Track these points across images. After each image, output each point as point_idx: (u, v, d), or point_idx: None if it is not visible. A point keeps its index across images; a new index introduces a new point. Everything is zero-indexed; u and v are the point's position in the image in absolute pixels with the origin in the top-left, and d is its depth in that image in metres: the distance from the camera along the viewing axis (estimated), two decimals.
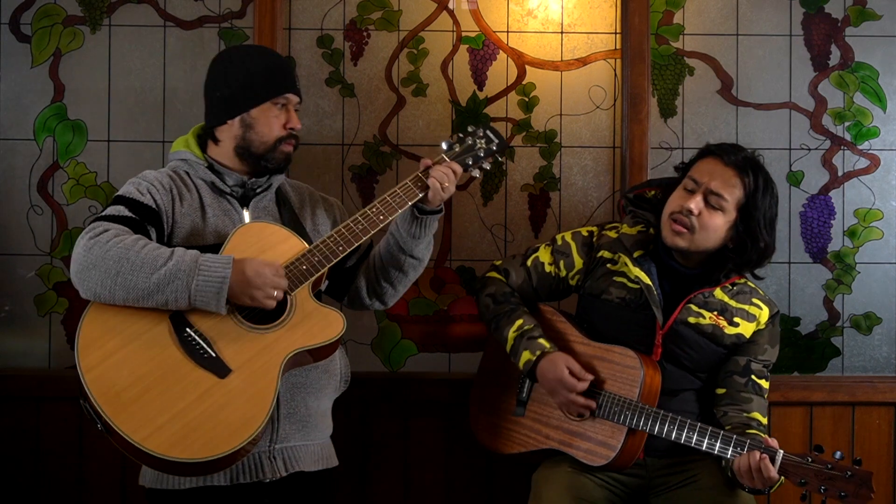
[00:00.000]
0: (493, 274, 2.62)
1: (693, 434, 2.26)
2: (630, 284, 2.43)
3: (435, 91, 2.95)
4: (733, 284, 2.44)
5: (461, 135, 2.44)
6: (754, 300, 2.44)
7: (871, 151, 2.97)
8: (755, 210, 2.32)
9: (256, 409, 2.06)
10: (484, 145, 2.43)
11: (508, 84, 2.95)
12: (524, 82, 2.95)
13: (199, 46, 2.90)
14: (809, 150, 2.97)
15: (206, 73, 2.37)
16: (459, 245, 2.96)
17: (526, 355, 2.44)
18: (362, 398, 2.88)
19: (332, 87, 2.94)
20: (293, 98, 2.34)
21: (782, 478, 2.19)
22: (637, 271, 2.40)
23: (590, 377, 2.38)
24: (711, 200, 2.32)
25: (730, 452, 2.21)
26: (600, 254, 2.49)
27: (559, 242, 2.56)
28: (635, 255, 2.43)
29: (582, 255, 2.52)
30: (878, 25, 2.96)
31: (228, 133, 2.32)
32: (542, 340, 2.45)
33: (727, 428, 2.31)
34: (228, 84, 2.30)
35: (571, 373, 2.37)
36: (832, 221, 2.97)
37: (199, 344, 2.09)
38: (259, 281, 2.10)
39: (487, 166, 2.45)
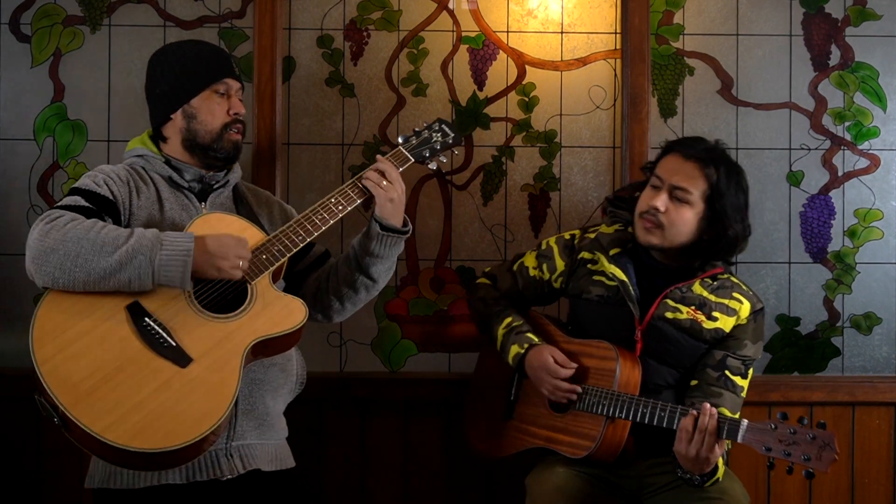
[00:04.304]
0: (483, 280, 2.68)
1: (665, 414, 2.27)
2: (608, 282, 2.46)
3: (435, 91, 2.95)
4: (714, 278, 2.45)
5: (417, 129, 2.46)
6: (735, 294, 2.45)
7: (871, 151, 2.97)
8: (721, 199, 2.36)
9: (219, 398, 2.02)
10: (440, 139, 2.44)
11: (508, 84, 2.95)
12: (524, 82, 2.95)
13: None
14: (809, 150, 2.97)
15: (145, 76, 2.36)
16: (459, 245, 2.96)
17: (514, 349, 2.48)
18: (361, 398, 2.88)
19: (332, 87, 2.94)
20: (233, 83, 2.33)
21: (718, 472, 2.23)
22: (613, 268, 2.44)
23: (574, 366, 2.41)
24: (677, 195, 2.36)
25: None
26: (581, 255, 2.53)
27: (543, 247, 2.61)
28: (611, 252, 2.47)
29: (563, 258, 2.56)
30: (878, 25, 2.96)
31: (174, 128, 2.31)
32: (530, 335, 2.49)
33: None
34: (166, 79, 2.30)
35: (556, 360, 2.41)
36: (832, 221, 2.97)
37: (158, 333, 2.04)
38: (224, 251, 2.08)
39: (444, 159, 2.47)
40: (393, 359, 2.95)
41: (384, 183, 2.27)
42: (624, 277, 2.42)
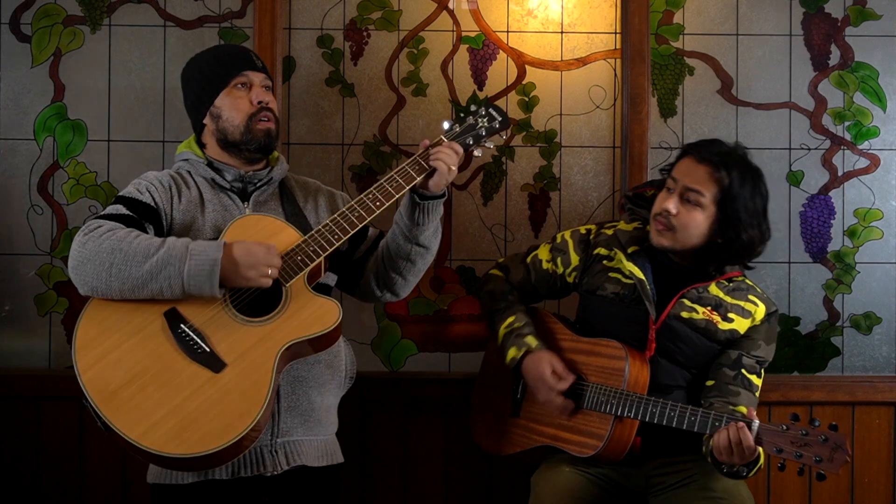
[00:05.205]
0: (495, 271, 2.66)
1: (675, 414, 2.27)
2: (624, 280, 2.45)
3: (435, 91, 2.95)
4: (730, 280, 2.45)
5: (462, 114, 2.40)
6: (751, 297, 2.44)
7: (871, 151, 2.97)
8: (733, 202, 2.33)
9: (251, 402, 2.06)
10: (486, 124, 2.37)
11: (508, 84, 2.95)
12: (524, 82, 2.95)
13: (199, 46, 2.88)
14: (809, 149, 2.97)
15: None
16: (459, 245, 2.96)
17: (512, 352, 2.47)
18: (362, 398, 2.87)
19: (332, 87, 2.94)
20: (254, 75, 2.33)
21: (761, 459, 2.20)
22: (630, 266, 2.43)
23: (571, 377, 2.40)
24: (689, 197, 2.35)
25: (709, 427, 2.22)
26: (597, 251, 2.52)
27: (558, 241, 2.59)
28: (630, 250, 2.46)
29: (578, 252, 2.54)
30: (878, 25, 2.96)
31: (209, 133, 2.35)
32: (528, 339, 2.47)
33: None
34: (192, 89, 2.36)
35: (554, 371, 2.40)
36: (832, 221, 2.97)
37: (193, 339, 2.09)
38: (251, 260, 2.09)
39: (490, 145, 2.39)
40: (393, 358, 2.95)
41: (453, 167, 2.25)
42: (641, 276, 2.41)
